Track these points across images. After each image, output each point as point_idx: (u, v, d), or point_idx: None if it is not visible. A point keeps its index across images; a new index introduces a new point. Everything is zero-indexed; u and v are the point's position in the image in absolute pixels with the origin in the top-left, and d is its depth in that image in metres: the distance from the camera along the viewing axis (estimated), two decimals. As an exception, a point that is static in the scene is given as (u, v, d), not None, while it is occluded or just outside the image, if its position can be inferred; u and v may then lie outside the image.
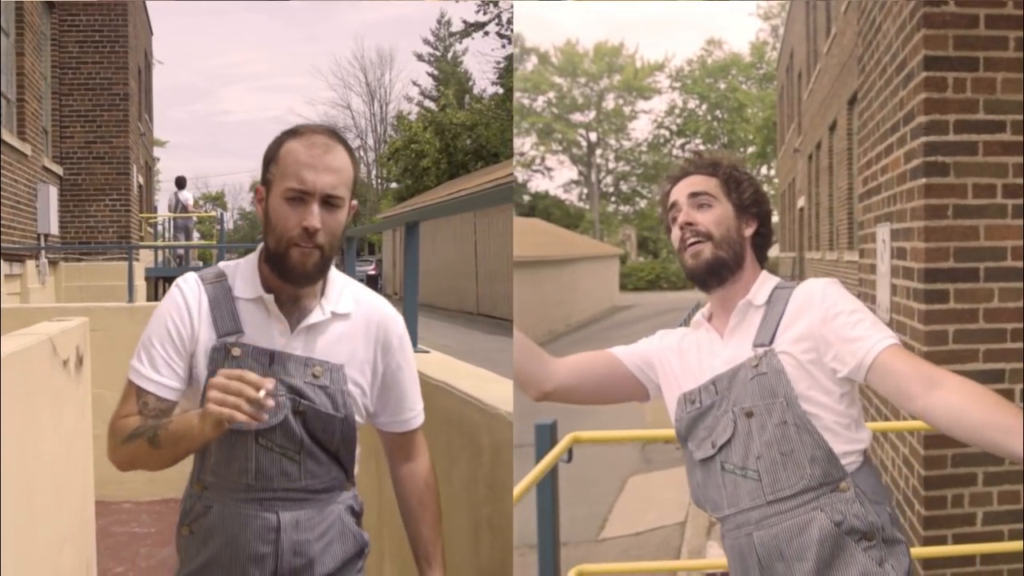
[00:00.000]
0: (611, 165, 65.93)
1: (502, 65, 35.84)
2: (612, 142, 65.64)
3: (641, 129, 66.57)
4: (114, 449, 1.86)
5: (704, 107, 63.72)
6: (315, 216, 1.80)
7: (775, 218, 2.62)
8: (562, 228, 41.72)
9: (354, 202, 1.91)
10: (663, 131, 65.12)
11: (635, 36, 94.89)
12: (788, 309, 1.88)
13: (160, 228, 20.25)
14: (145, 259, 16.50)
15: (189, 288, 1.92)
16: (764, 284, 1.95)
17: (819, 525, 1.79)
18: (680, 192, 2.00)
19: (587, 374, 2.08)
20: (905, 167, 3.78)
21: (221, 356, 1.88)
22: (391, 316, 2.00)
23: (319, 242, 1.82)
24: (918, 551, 3.36)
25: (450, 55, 51.21)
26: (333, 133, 1.90)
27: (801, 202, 20.21)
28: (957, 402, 1.64)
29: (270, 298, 1.89)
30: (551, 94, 64.25)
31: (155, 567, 5.75)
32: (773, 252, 2.13)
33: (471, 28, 35.08)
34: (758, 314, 1.92)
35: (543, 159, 67.25)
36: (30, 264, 11.50)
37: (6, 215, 10.28)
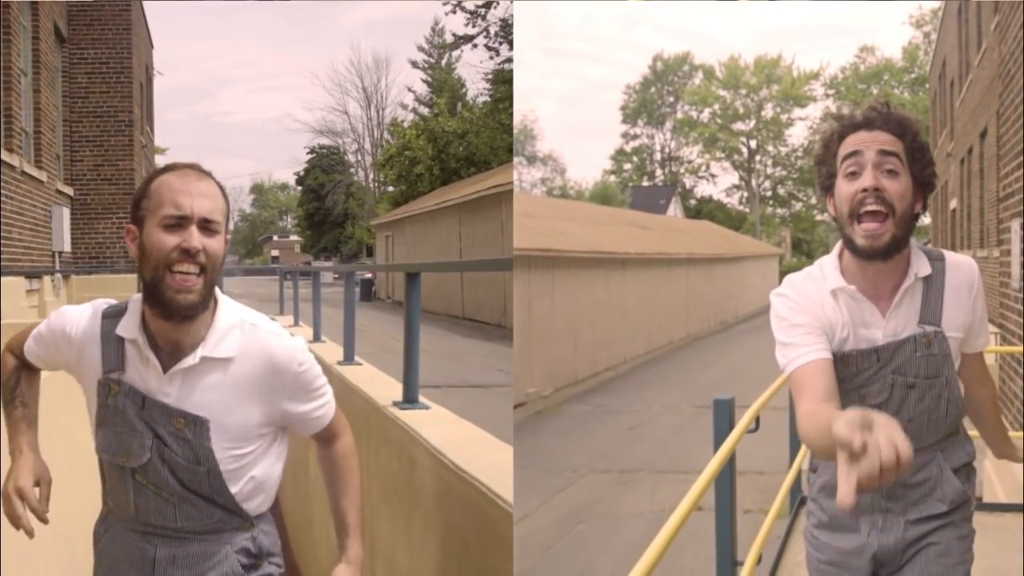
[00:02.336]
0: (769, 170, 69.56)
1: (490, 76, 37.05)
2: (770, 149, 69.02)
3: (797, 135, 69.68)
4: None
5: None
6: (195, 237, 1.76)
7: (928, 219, 2.86)
8: (728, 229, 45.39)
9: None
10: (818, 137, 68.28)
11: (792, 45, 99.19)
12: (948, 288, 1.96)
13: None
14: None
15: (89, 315, 1.97)
16: (919, 256, 1.96)
17: (938, 463, 2.04)
18: (867, 143, 1.86)
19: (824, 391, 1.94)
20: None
21: (104, 392, 1.90)
22: (285, 354, 1.92)
23: (201, 263, 1.78)
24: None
25: (444, 62, 52.29)
26: (199, 167, 1.89)
27: (953, 204, 20.74)
28: (974, 401, 2.19)
29: (143, 341, 1.86)
30: (716, 106, 68.21)
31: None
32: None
33: (460, 40, 36.26)
34: (919, 288, 1.95)
35: (708, 166, 71.41)
36: (46, 279, 12.71)
37: (26, 237, 11.52)
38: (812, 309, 1.92)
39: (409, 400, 3.06)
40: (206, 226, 1.79)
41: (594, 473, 9.94)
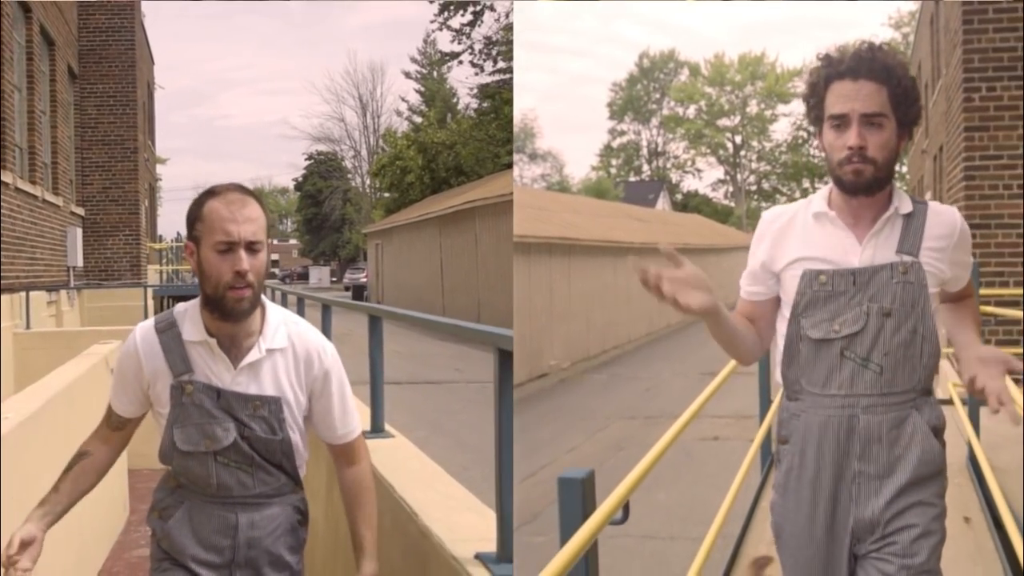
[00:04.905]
0: (754, 165, 71.81)
1: (474, 91, 38.75)
2: (755, 144, 71.12)
3: (781, 131, 70.86)
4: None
5: (839, 108, 68.06)
6: (243, 261, 2.07)
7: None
8: (716, 222, 47.12)
9: (272, 241, 2.31)
10: (801, 132, 68.42)
11: (772, 39, 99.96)
12: (928, 226, 1.99)
13: (168, 248, 23.40)
14: (152, 279, 19.46)
15: (142, 338, 2.22)
16: (902, 195, 2.03)
17: (914, 421, 2.00)
18: (851, 104, 1.94)
19: (770, 327, 2.18)
20: (961, 174, 9.24)
21: (178, 392, 2.17)
22: (318, 347, 2.27)
23: (250, 281, 2.09)
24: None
25: (435, 73, 53.73)
26: (245, 189, 2.17)
27: (928, 196, 22.31)
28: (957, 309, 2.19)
29: (213, 342, 2.15)
30: (702, 103, 70.23)
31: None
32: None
33: (446, 57, 38.01)
34: (899, 222, 2.00)
35: (693, 162, 73.27)
36: (62, 292, 14.43)
37: (47, 255, 13.26)
38: (768, 237, 2.13)
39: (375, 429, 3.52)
40: (251, 247, 2.11)
41: (623, 419, 12.21)
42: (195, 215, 2.14)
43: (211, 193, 2.15)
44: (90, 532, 5.74)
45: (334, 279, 65.96)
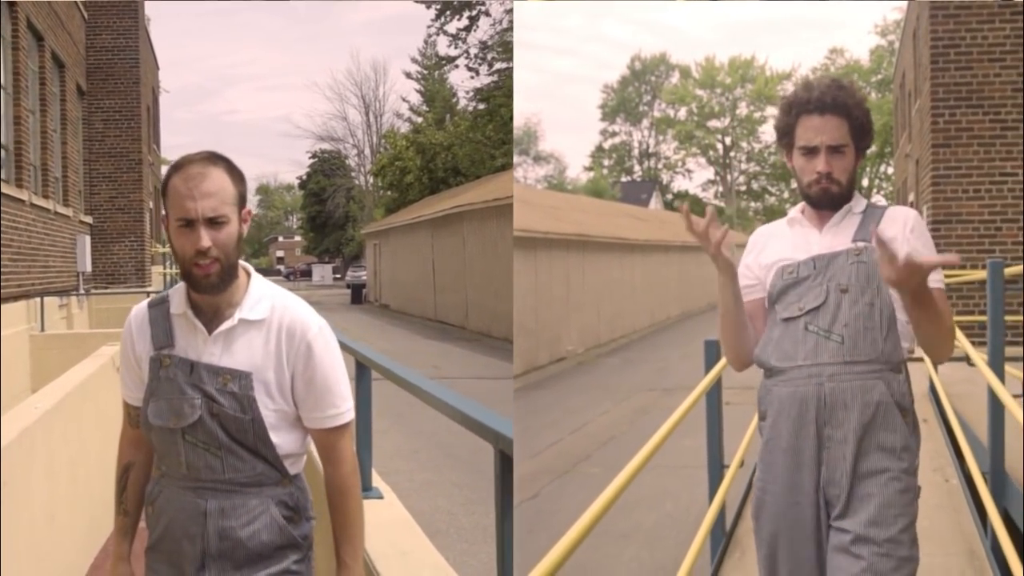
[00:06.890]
0: (743, 166, 73.09)
1: (470, 94, 39.75)
2: (744, 145, 72.34)
3: (770, 133, 72.02)
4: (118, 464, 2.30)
5: (826, 112, 69.33)
6: (203, 238, 1.99)
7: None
8: None
9: (247, 209, 2.10)
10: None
11: (764, 38, 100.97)
12: (884, 219, 2.28)
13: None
14: (156, 282, 20.60)
15: (135, 316, 2.21)
16: (860, 199, 2.35)
17: (879, 391, 2.20)
18: (818, 137, 2.26)
19: (761, 329, 2.40)
20: (930, 181, 12.38)
21: (156, 366, 2.12)
22: (303, 321, 2.12)
23: (214, 256, 2.01)
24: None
25: (436, 73, 54.57)
26: (209, 158, 2.06)
27: (911, 197, 23.56)
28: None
29: (190, 312, 2.10)
30: (693, 105, 71.49)
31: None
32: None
33: (442, 61, 39.03)
34: (856, 219, 2.32)
35: (684, 162, 74.63)
36: (73, 297, 15.58)
37: (59, 263, 14.41)
38: (756, 245, 2.47)
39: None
40: (212, 222, 2.00)
41: (642, 392, 13.76)
42: (163, 190, 2.10)
43: (175, 167, 2.08)
44: (100, 501, 6.78)
45: (337, 276, 66.92)
